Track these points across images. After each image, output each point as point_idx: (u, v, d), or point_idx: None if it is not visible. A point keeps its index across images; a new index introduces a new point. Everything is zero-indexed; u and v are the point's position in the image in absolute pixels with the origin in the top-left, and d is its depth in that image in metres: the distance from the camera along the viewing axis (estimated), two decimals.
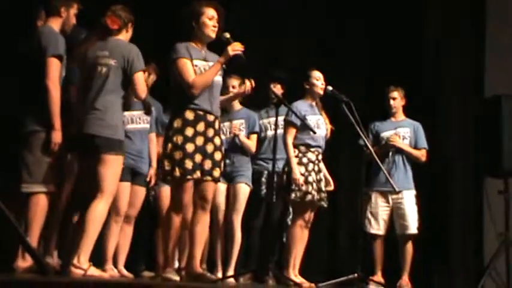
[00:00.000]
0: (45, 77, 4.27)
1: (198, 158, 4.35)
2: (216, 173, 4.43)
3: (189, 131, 4.36)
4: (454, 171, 6.93)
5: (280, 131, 5.42)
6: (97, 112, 4.21)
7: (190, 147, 4.34)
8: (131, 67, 4.28)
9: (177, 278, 4.40)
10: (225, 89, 5.58)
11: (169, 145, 4.36)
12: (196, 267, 4.43)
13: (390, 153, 6.07)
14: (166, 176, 4.39)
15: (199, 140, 4.37)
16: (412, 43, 7.00)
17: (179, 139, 4.34)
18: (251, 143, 5.81)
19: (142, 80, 4.33)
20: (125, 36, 4.43)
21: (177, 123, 4.37)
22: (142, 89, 4.33)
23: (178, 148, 4.33)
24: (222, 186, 5.56)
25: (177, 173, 4.32)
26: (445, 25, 7.13)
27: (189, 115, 4.37)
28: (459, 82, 7.08)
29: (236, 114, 5.84)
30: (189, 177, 4.33)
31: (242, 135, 5.76)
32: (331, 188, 5.54)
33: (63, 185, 4.53)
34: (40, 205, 4.24)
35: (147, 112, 5.34)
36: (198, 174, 4.35)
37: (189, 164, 4.32)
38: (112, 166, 4.20)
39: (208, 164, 4.38)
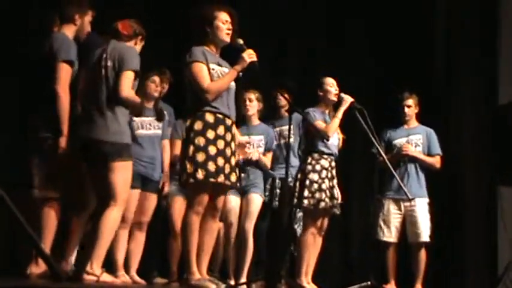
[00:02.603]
0: (55, 81, 4.26)
1: (220, 161, 4.27)
2: (233, 177, 4.36)
3: (211, 134, 4.27)
4: (468, 180, 6.88)
5: (291, 139, 5.37)
6: (101, 118, 4.17)
7: (212, 149, 4.25)
8: (121, 65, 4.18)
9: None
10: (240, 102, 5.57)
11: (191, 147, 4.24)
12: (203, 275, 4.35)
13: (402, 162, 6.03)
14: (188, 178, 4.23)
15: (220, 144, 4.29)
16: (414, 44, 6.96)
17: (201, 141, 4.24)
18: (267, 160, 5.77)
19: (128, 80, 4.17)
20: None
21: (197, 126, 4.27)
22: (124, 88, 4.16)
23: (201, 150, 4.24)
24: (237, 199, 5.55)
25: (200, 175, 4.20)
26: (455, 28, 7.09)
27: (209, 118, 4.29)
28: (470, 89, 7.03)
29: (255, 129, 5.80)
30: (212, 179, 4.23)
31: (261, 156, 5.69)
32: (338, 200, 5.50)
33: (73, 192, 4.52)
34: (53, 210, 4.25)
35: (159, 119, 5.31)
36: (222, 177, 4.26)
37: (212, 167, 4.22)
38: (122, 172, 4.17)
39: (227, 169, 4.31)
